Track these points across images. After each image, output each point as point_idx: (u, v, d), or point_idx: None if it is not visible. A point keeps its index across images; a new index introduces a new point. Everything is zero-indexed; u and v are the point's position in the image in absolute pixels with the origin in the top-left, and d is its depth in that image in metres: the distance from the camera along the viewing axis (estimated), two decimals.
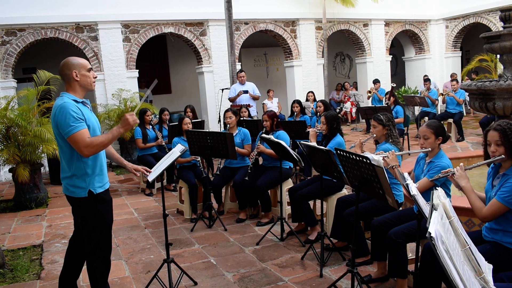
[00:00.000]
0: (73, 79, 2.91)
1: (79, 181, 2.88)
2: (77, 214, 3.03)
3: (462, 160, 5.26)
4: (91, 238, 2.98)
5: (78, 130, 2.77)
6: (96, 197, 2.91)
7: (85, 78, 2.94)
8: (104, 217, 3.00)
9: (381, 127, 3.89)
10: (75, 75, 2.90)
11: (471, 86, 4.55)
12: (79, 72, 2.91)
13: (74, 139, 2.78)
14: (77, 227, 3.14)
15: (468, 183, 2.66)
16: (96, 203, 2.93)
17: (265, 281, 3.62)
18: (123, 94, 9.63)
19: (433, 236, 1.66)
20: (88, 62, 3.02)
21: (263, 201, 5.07)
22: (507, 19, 4.47)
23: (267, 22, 11.53)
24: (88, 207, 2.92)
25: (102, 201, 2.96)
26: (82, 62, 2.96)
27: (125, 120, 2.93)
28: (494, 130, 2.61)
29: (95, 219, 2.96)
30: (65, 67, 2.91)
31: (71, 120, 2.77)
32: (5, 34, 8.79)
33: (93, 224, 2.96)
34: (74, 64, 2.91)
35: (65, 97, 2.88)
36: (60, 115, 2.79)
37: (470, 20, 13.28)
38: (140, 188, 7.16)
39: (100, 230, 2.99)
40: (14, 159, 6.17)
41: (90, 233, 2.98)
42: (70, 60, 2.94)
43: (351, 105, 13.43)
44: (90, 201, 2.91)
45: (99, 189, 2.94)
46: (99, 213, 2.95)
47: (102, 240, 3.01)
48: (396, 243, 3.09)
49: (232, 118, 5.44)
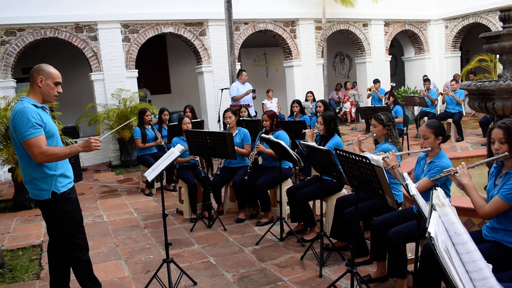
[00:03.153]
0: (36, 84, 2.92)
1: (42, 184, 2.90)
2: (47, 217, 3.05)
3: (462, 160, 5.26)
4: (65, 238, 3.02)
5: (35, 136, 2.79)
6: (60, 197, 2.93)
7: (47, 88, 2.94)
8: (72, 216, 3.02)
9: (381, 126, 3.89)
10: (39, 81, 2.92)
11: (470, 86, 4.55)
12: (44, 80, 2.93)
13: (29, 144, 2.79)
14: (50, 233, 3.16)
15: (471, 181, 2.67)
16: (61, 203, 2.94)
17: (264, 281, 3.62)
18: (122, 94, 9.63)
19: (432, 236, 1.66)
20: (60, 76, 3.01)
21: (263, 201, 5.07)
22: (507, 19, 4.46)
23: (266, 22, 11.53)
24: (55, 208, 2.95)
25: (67, 200, 2.98)
26: (53, 72, 2.96)
27: (88, 142, 2.95)
28: (499, 127, 2.61)
29: (64, 219, 2.98)
30: (35, 71, 2.94)
31: (29, 125, 2.78)
32: (4, 34, 8.78)
33: (63, 224, 2.99)
34: (44, 71, 2.93)
35: (25, 101, 2.89)
36: (18, 119, 2.80)
37: (470, 20, 13.29)
38: (140, 188, 7.15)
39: (71, 229, 3.01)
40: (14, 159, 6.16)
41: (63, 233, 3.01)
42: (42, 66, 2.96)
43: (350, 105, 13.43)
44: (56, 202, 2.92)
45: (62, 188, 2.95)
46: (66, 212, 2.97)
47: (76, 238, 3.04)
48: (395, 243, 3.10)
49: (231, 118, 5.44)
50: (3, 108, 6.46)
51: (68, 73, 10.08)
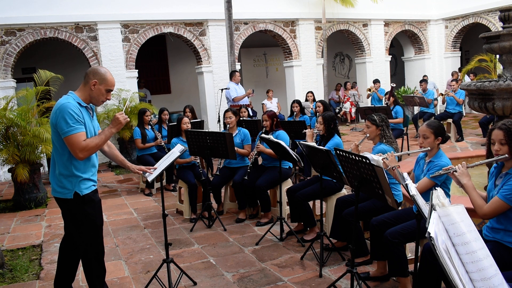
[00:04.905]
0: (89, 86, 2.91)
1: (66, 182, 2.88)
2: (67, 216, 3.03)
3: (462, 160, 5.25)
4: (82, 240, 2.99)
5: (76, 132, 2.77)
6: (83, 199, 2.91)
7: (98, 93, 2.93)
8: (94, 218, 2.99)
9: (374, 127, 3.90)
10: (92, 84, 2.90)
11: (470, 86, 4.55)
12: (98, 85, 2.91)
13: (71, 140, 2.78)
14: (67, 230, 3.14)
15: (470, 180, 2.66)
16: (84, 205, 2.92)
17: (264, 281, 3.62)
18: (122, 94, 9.63)
19: (432, 236, 1.66)
20: (114, 84, 3.00)
21: (263, 201, 5.07)
22: (507, 19, 4.46)
23: (266, 22, 11.53)
24: (76, 209, 2.92)
25: (90, 202, 2.95)
26: (108, 79, 2.94)
27: (116, 120, 2.95)
28: (499, 129, 2.60)
29: (85, 220, 2.95)
30: (92, 73, 2.93)
31: (71, 121, 2.77)
32: (4, 34, 8.78)
33: (83, 225, 2.96)
34: (101, 76, 2.91)
35: (71, 97, 2.88)
36: (61, 113, 2.79)
37: (470, 20, 13.29)
38: (140, 188, 7.15)
39: (90, 232, 2.99)
40: (14, 159, 6.17)
41: (81, 235, 2.98)
42: (100, 70, 2.94)
43: (350, 105, 13.43)
44: (78, 203, 2.90)
45: (85, 190, 2.92)
46: (88, 214, 2.95)
47: (93, 241, 3.01)
48: (392, 243, 3.10)
49: (232, 118, 5.44)
50: (2, 108, 6.46)
51: (68, 73, 10.07)
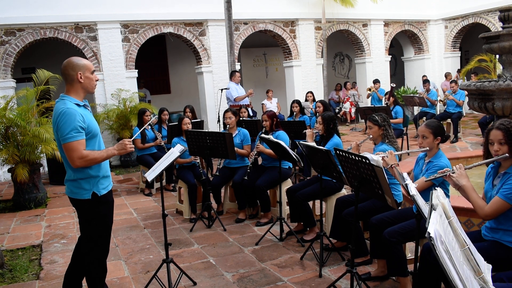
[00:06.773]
0: (76, 81, 2.82)
1: (84, 183, 2.84)
2: (80, 216, 2.99)
3: (461, 160, 5.27)
4: (90, 239, 2.97)
5: (76, 139, 2.71)
6: (100, 199, 2.88)
7: (88, 81, 2.86)
8: (106, 219, 2.98)
9: (376, 127, 3.89)
10: (79, 77, 2.81)
11: (470, 86, 4.56)
12: (83, 74, 2.82)
13: (69, 147, 2.72)
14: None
15: (469, 182, 2.64)
16: (99, 205, 2.90)
17: (264, 281, 3.62)
18: (122, 94, 9.63)
19: (432, 236, 1.66)
20: (91, 64, 2.96)
21: (263, 201, 5.07)
22: (506, 19, 4.47)
23: (266, 22, 11.53)
24: (91, 209, 2.89)
25: (105, 203, 2.94)
26: (86, 63, 2.86)
27: (122, 144, 2.95)
28: (497, 129, 2.59)
29: (97, 221, 2.93)
30: (69, 68, 2.81)
31: (74, 130, 2.71)
32: (4, 34, 8.78)
33: (94, 225, 2.94)
34: (79, 65, 2.82)
35: (67, 101, 2.79)
36: (63, 120, 2.72)
37: (469, 20, 13.29)
38: (140, 188, 7.15)
39: (100, 232, 2.97)
40: (13, 159, 6.17)
41: (91, 234, 2.96)
42: (74, 61, 2.83)
43: (350, 105, 13.43)
44: (94, 203, 2.87)
45: (103, 190, 2.90)
46: (101, 215, 2.93)
47: (100, 242, 3.00)
48: (390, 243, 3.10)
49: (232, 118, 5.44)
50: (2, 108, 6.46)
51: None
